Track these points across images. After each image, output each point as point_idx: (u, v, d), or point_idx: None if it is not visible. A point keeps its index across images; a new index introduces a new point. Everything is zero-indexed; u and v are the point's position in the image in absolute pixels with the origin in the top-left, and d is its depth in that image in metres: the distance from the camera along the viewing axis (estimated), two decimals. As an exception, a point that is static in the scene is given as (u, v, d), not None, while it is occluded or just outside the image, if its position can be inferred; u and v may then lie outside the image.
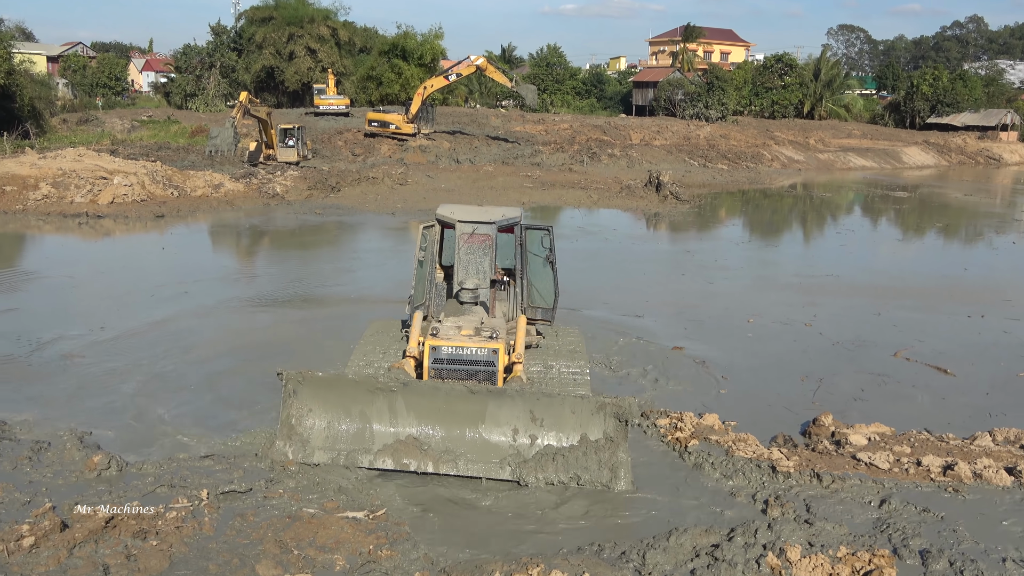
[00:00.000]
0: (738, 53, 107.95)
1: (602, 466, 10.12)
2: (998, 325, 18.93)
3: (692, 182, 47.12)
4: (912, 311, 20.16)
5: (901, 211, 40.91)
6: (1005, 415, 13.29)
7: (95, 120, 57.70)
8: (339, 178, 40.27)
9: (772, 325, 18.37)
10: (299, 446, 10.43)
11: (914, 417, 12.99)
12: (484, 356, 10.98)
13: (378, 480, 10.21)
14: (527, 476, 10.12)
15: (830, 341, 17.27)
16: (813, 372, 15.25)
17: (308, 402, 10.48)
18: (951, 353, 16.59)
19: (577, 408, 10.29)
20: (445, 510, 9.65)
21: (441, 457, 10.28)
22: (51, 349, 15.29)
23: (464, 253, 12.28)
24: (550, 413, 10.31)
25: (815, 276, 24.02)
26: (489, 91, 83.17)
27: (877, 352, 16.65)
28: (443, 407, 10.36)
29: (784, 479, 10.29)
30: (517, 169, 48.04)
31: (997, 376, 15.42)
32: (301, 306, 19.10)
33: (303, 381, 10.44)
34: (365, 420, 10.47)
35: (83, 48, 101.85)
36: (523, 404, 10.30)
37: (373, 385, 10.39)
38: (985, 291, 22.39)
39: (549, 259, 12.65)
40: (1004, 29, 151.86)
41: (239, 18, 77.99)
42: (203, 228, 30.26)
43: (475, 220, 12.27)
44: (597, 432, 10.23)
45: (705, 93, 76.85)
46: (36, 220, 29.92)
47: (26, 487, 9.64)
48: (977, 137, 77.15)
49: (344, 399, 10.47)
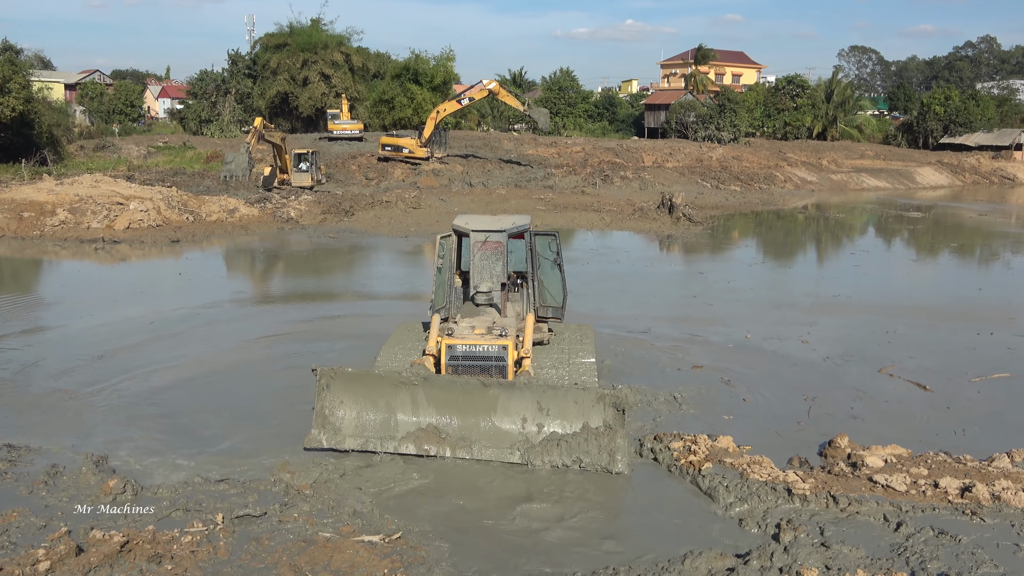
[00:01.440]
0: (750, 75, 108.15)
1: (601, 450, 11.15)
2: (1004, 342, 18.86)
3: (705, 204, 47.11)
4: (918, 329, 20.12)
5: (916, 231, 40.74)
6: (964, 431, 13.31)
7: (111, 146, 58.25)
8: (353, 202, 40.49)
9: (778, 343, 18.29)
10: (331, 434, 11.54)
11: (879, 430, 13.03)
12: (495, 352, 12.27)
13: (393, 504, 10.21)
14: (534, 459, 11.18)
15: (831, 359, 17.20)
16: (815, 389, 15.17)
17: (339, 395, 11.59)
18: (941, 370, 16.56)
19: (580, 399, 11.41)
20: (460, 535, 9.63)
21: (458, 443, 11.36)
22: (67, 378, 15.40)
23: (479, 259, 13.50)
24: (555, 403, 11.41)
25: (826, 296, 23.91)
26: (502, 115, 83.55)
27: (867, 367, 16.75)
28: (459, 398, 11.47)
29: (800, 502, 10.22)
30: (530, 192, 48.19)
31: (969, 391, 15.38)
32: (315, 329, 19.17)
33: (335, 376, 11.54)
34: (390, 411, 11.59)
35: (100, 76, 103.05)
36: (531, 395, 11.42)
37: (397, 379, 11.52)
38: (995, 310, 22.28)
39: (557, 262, 14.04)
40: (1016, 49, 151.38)
41: (254, 45, 78.83)
42: (218, 253, 30.46)
43: (488, 229, 13.49)
44: (597, 420, 11.33)
45: (717, 115, 76.97)
46: (53, 246, 30.20)
47: (42, 511, 9.69)
48: (991, 157, 76.79)
49: (371, 392, 11.59)
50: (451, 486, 10.79)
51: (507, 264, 13.54)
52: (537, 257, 13.82)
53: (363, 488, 10.59)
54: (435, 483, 10.88)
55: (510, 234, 13.57)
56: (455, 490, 10.69)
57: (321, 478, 10.75)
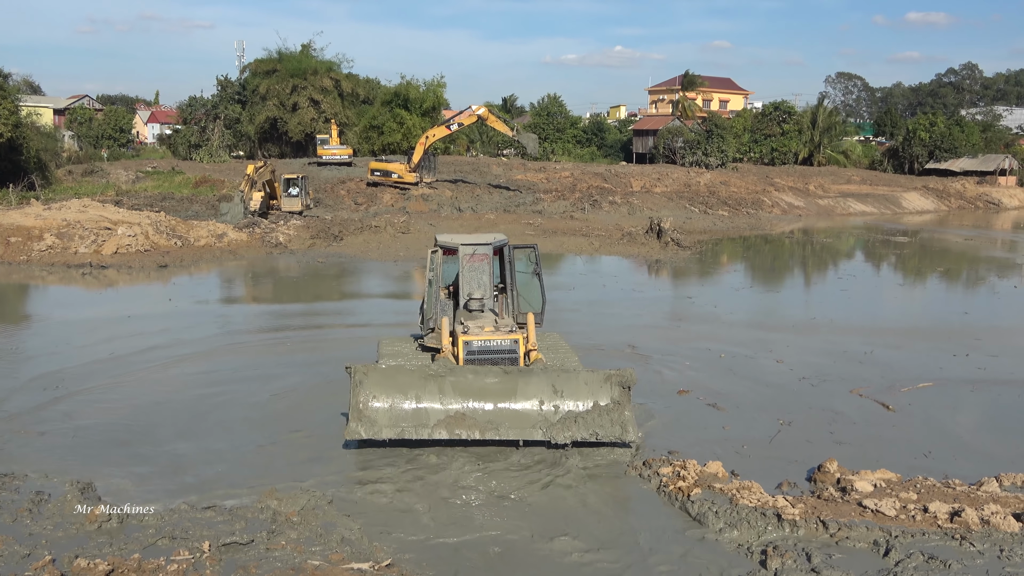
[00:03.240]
0: (737, 101, 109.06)
1: (614, 424, 12.47)
2: (976, 362, 19.32)
3: (693, 228, 47.33)
4: (897, 351, 20.44)
5: (902, 256, 41.00)
6: (929, 453, 13.48)
7: (100, 171, 58.10)
8: (342, 227, 40.51)
9: (756, 364, 18.33)
10: (368, 425, 12.29)
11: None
12: (507, 345, 13.56)
13: (382, 531, 10.14)
14: (556, 436, 12.28)
15: (807, 379, 17.30)
16: (786, 410, 15.21)
17: (373, 389, 12.36)
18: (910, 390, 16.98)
19: (589, 380, 12.77)
20: (450, 563, 9.56)
21: (486, 427, 12.33)
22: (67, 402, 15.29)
23: (468, 270, 14.91)
24: (568, 386, 12.68)
25: (809, 319, 24.03)
26: (491, 140, 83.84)
27: (839, 387, 17.12)
28: (483, 386, 12.53)
29: (790, 527, 10.20)
30: (519, 217, 48.33)
31: (931, 413, 15.64)
32: (302, 356, 19.10)
33: (368, 372, 12.43)
34: (420, 401, 12.43)
35: (89, 101, 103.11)
36: (546, 379, 12.69)
37: (425, 372, 12.57)
38: (973, 332, 22.66)
39: (536, 272, 15.28)
40: (998, 76, 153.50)
41: (244, 70, 79.05)
42: (206, 278, 30.36)
43: (475, 243, 14.99)
44: (606, 398, 12.61)
45: (705, 140, 77.52)
46: (40, 271, 30.06)
47: (26, 539, 9.58)
48: (976, 182, 77.53)
49: (402, 385, 12.47)
50: (442, 515, 10.73)
51: (493, 274, 15.06)
52: (515, 270, 15.15)
53: (352, 515, 10.51)
54: (425, 511, 10.81)
55: (493, 248, 15.05)
56: (445, 518, 10.63)
57: (309, 505, 10.67)
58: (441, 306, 15.18)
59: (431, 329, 15.02)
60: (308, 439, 13.44)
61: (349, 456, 12.71)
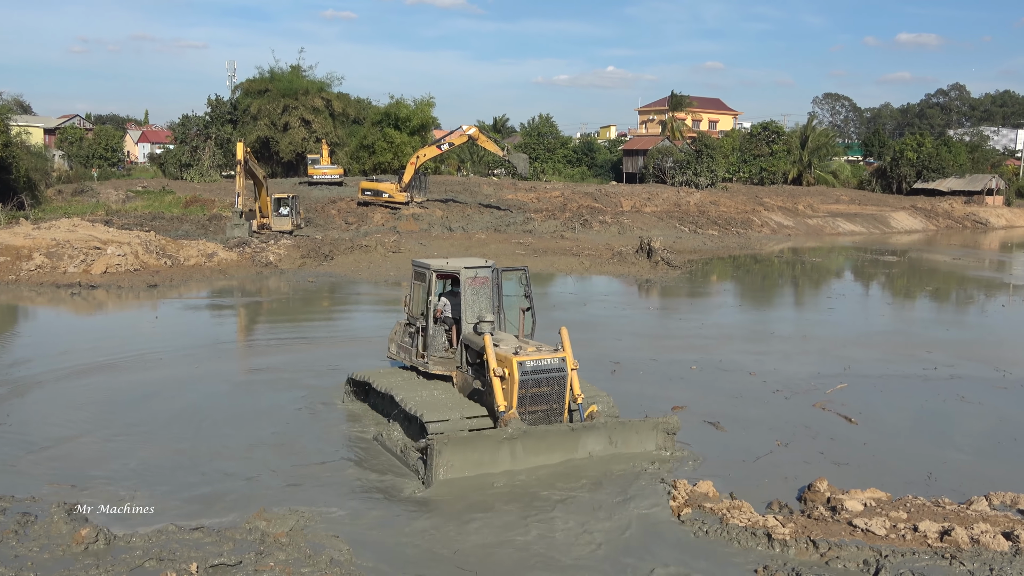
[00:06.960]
0: (726, 121, 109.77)
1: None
2: (945, 374, 20.05)
3: (683, 248, 47.48)
4: (875, 365, 20.94)
5: (891, 275, 41.19)
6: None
7: (90, 191, 57.98)
8: (332, 246, 40.48)
9: (732, 377, 18.40)
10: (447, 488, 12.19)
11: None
12: (557, 364, 13.54)
13: (371, 552, 10.09)
14: None
15: (781, 392, 17.43)
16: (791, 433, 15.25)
17: (450, 458, 12.30)
18: (876, 404, 17.50)
19: (640, 428, 13.68)
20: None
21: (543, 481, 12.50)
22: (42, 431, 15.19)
23: (470, 294, 14.77)
24: (623, 437, 13.50)
25: (796, 336, 24.20)
26: (481, 160, 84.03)
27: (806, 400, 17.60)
28: (550, 445, 13.01)
29: (780, 547, 10.19)
30: (509, 236, 48.38)
31: (899, 423, 16.17)
32: (287, 374, 19.04)
33: (447, 442, 12.31)
34: (495, 467, 12.65)
35: (80, 120, 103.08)
36: (605, 433, 13.38)
37: (500, 436, 12.67)
38: (949, 348, 23.25)
39: (526, 294, 15.40)
40: (985, 97, 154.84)
41: (235, 90, 79.23)
42: (195, 298, 30.26)
43: (477, 266, 14.93)
44: (652, 444, 13.72)
45: (694, 160, 77.84)
46: (28, 291, 29.89)
47: (11, 562, 9.48)
48: (963, 202, 78.09)
49: (477, 450, 12.57)
50: (432, 537, 10.68)
51: (494, 296, 15.01)
52: (502, 293, 15.23)
53: (340, 536, 10.46)
54: (415, 532, 10.77)
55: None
56: (436, 540, 10.58)
57: (298, 525, 10.61)
58: (435, 331, 15.07)
59: (422, 359, 15.11)
60: (296, 460, 13.39)
61: (338, 477, 12.66)
